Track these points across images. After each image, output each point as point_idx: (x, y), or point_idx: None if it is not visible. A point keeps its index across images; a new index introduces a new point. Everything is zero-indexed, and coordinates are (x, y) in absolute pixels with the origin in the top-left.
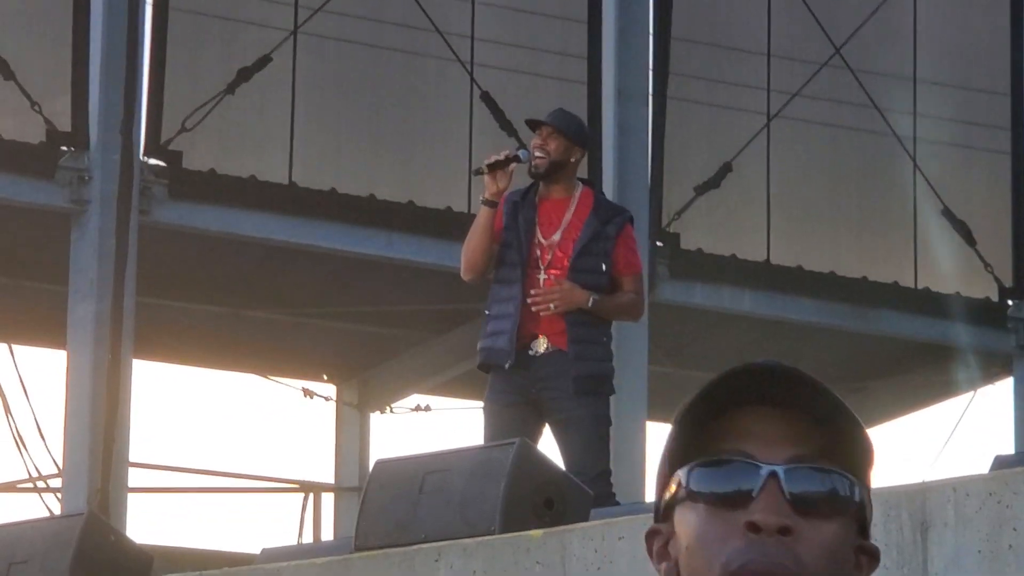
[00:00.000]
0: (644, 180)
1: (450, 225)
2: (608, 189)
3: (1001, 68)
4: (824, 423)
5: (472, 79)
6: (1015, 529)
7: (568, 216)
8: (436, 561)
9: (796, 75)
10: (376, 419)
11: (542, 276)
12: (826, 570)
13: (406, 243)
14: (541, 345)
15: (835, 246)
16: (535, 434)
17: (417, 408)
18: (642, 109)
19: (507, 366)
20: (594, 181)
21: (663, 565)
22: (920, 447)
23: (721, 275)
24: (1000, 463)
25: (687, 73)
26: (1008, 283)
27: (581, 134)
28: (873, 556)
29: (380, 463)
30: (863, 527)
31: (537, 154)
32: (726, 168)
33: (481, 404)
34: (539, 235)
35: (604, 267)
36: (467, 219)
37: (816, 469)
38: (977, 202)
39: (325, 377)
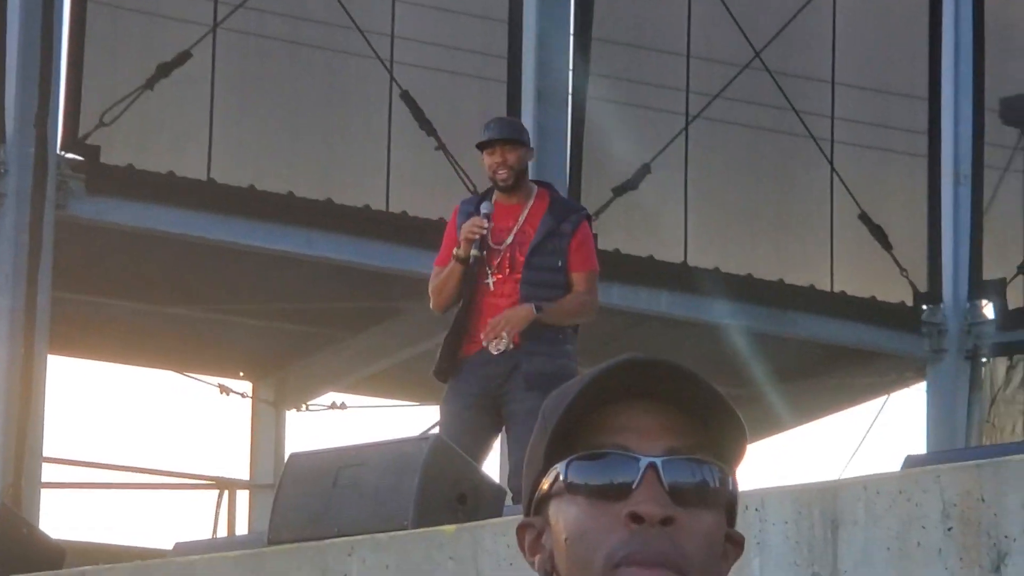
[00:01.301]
0: (563, 180)
1: (368, 223)
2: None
3: (919, 72)
4: (701, 416)
5: (392, 78)
6: (923, 527)
7: (521, 219)
8: (349, 555)
9: (716, 77)
10: (292, 416)
11: (490, 280)
12: (705, 559)
13: (324, 241)
14: (502, 343)
15: (752, 248)
16: (491, 436)
17: (333, 406)
18: (561, 109)
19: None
20: (550, 182)
21: (536, 558)
22: (834, 449)
23: (639, 276)
24: (911, 462)
25: (607, 74)
26: (923, 288)
27: (527, 135)
28: (738, 544)
29: (294, 457)
30: (732, 516)
31: (500, 172)
32: (644, 169)
33: (397, 402)
34: (490, 242)
35: (560, 263)
36: (385, 217)
37: (692, 460)
38: (893, 206)
39: (241, 374)
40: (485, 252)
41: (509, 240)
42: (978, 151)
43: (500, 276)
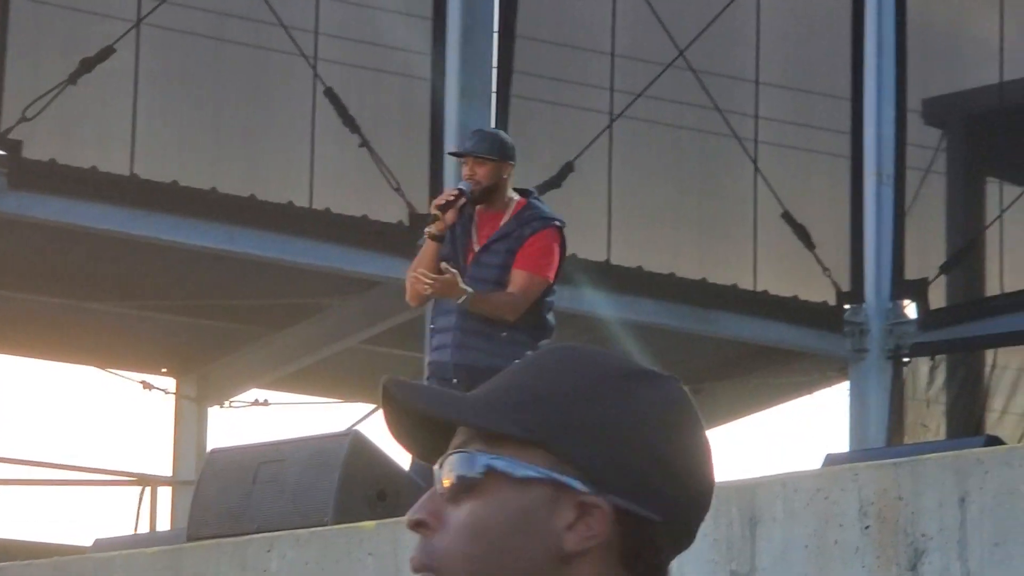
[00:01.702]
0: None
1: (291, 220)
2: (450, 186)
3: (842, 72)
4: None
5: (316, 74)
6: (841, 525)
7: (500, 225)
8: (268, 552)
9: (640, 76)
10: (214, 413)
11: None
12: (469, 549)
13: (247, 237)
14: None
15: (675, 247)
16: None
17: (256, 402)
18: (485, 107)
19: (454, 382)
20: (531, 191)
21: None
22: (757, 448)
23: (562, 274)
24: (831, 460)
25: (531, 72)
26: (845, 287)
27: (504, 151)
28: (595, 506)
29: (214, 453)
30: (585, 481)
31: (461, 186)
32: (568, 168)
33: (320, 399)
34: (475, 245)
35: (504, 262)
36: (308, 214)
37: (458, 454)
38: (816, 206)
39: (164, 370)
40: (468, 252)
41: (485, 244)
42: (900, 152)
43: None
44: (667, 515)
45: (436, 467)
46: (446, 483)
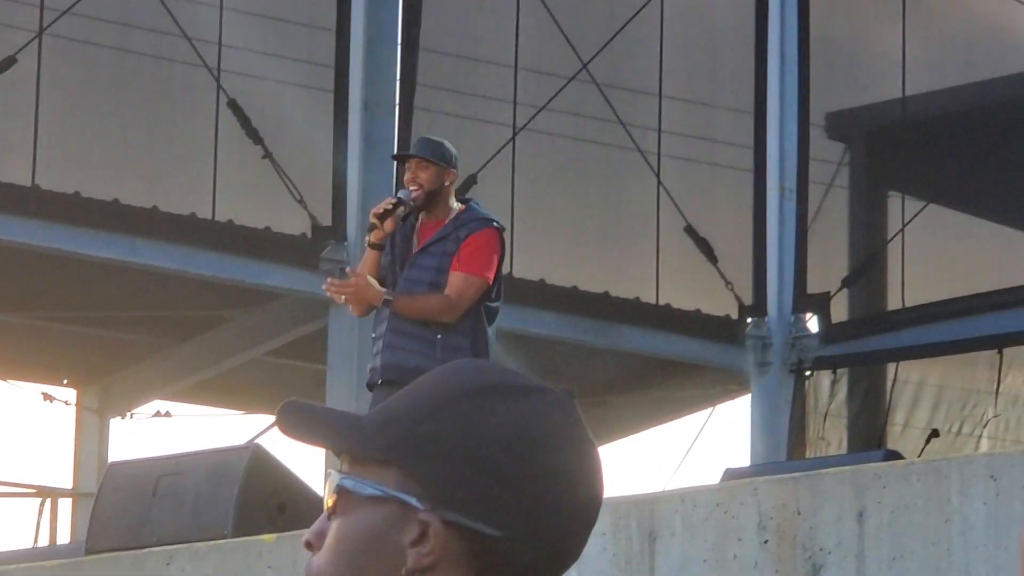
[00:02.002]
0: (388, 190)
1: (194, 231)
2: (352, 199)
3: (745, 86)
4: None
5: (219, 86)
6: (740, 539)
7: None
8: (168, 564)
9: (543, 88)
10: (116, 424)
11: None
12: (333, 568)
13: (150, 249)
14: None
15: (578, 261)
16: None
17: (157, 414)
18: (388, 119)
19: (379, 382)
20: (471, 198)
21: None
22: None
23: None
24: (730, 475)
25: (434, 84)
26: (748, 301)
27: (448, 157)
28: (430, 523)
29: (113, 466)
30: (423, 499)
31: (412, 188)
32: (471, 180)
33: (223, 411)
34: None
35: (439, 264)
36: (211, 225)
37: (328, 474)
38: (719, 220)
39: (65, 381)
40: (406, 263)
41: (421, 247)
42: (803, 166)
43: None
44: (512, 531)
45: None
46: (326, 503)
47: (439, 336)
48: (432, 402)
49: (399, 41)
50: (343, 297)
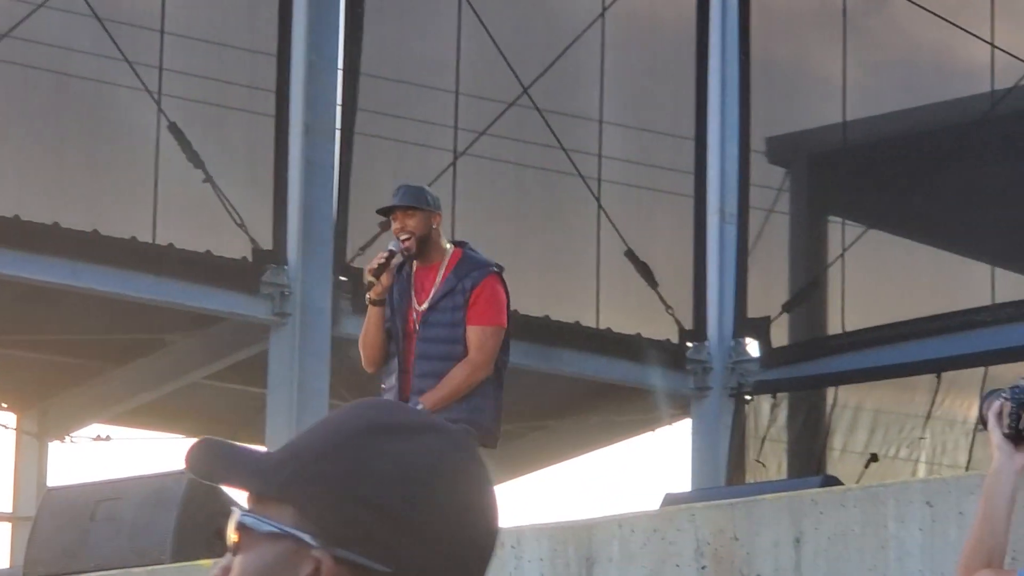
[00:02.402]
0: (329, 214)
1: (135, 255)
2: (293, 223)
3: (685, 112)
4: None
5: (160, 109)
6: (678, 565)
7: (439, 279)
8: None
9: (484, 114)
10: (56, 448)
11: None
12: None
13: (90, 272)
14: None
15: (518, 284)
16: None
17: (98, 438)
18: (329, 144)
19: None
20: (464, 242)
21: None
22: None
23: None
24: (670, 500)
25: (375, 109)
26: (688, 325)
27: (431, 201)
28: (321, 560)
29: (51, 491)
30: (316, 536)
31: (403, 237)
32: None
33: (162, 435)
34: (414, 303)
35: (458, 318)
36: (152, 249)
37: (238, 511)
38: (660, 244)
39: (4, 405)
40: (405, 311)
41: (427, 303)
42: (743, 191)
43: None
44: (399, 567)
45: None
46: (229, 539)
47: (483, 396)
48: (327, 441)
49: (340, 66)
50: None
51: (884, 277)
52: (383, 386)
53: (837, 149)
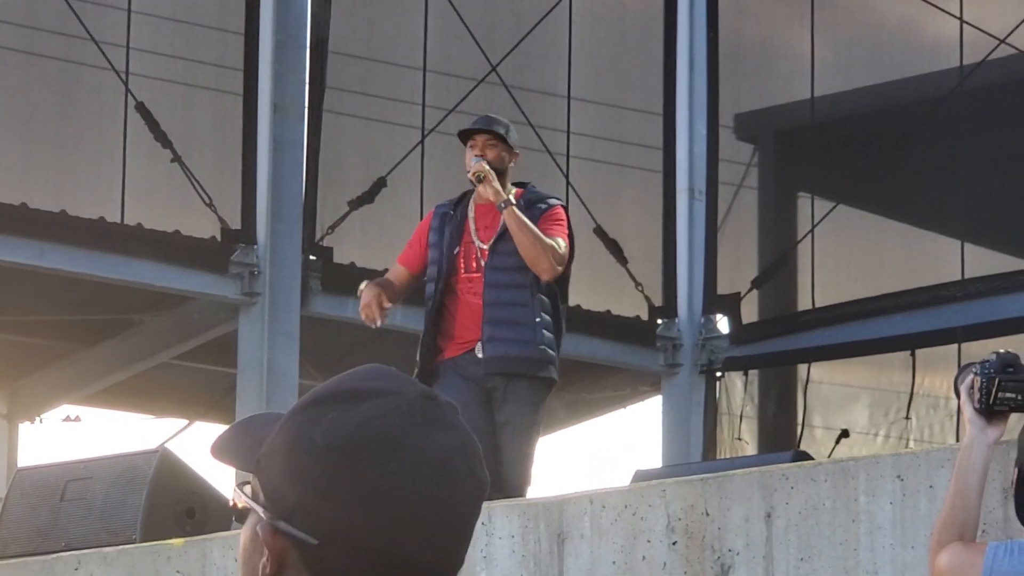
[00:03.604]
0: (298, 193)
1: (103, 235)
2: (262, 201)
3: (653, 88)
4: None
5: (127, 89)
6: (649, 541)
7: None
8: (76, 569)
9: (452, 91)
10: (25, 429)
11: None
12: (242, 566)
13: (58, 253)
14: (480, 349)
15: None
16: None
17: (67, 419)
18: (297, 123)
19: (417, 371)
20: (527, 182)
21: None
22: (570, 463)
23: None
24: (640, 476)
25: (343, 87)
26: (658, 302)
27: (511, 136)
28: (265, 529)
29: (21, 471)
30: (271, 512)
31: (476, 163)
32: (380, 183)
33: (133, 415)
34: (477, 241)
35: (521, 262)
36: (120, 229)
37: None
38: (629, 221)
39: None
40: (459, 249)
41: (495, 237)
42: (712, 167)
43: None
44: (327, 539)
45: None
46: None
47: (537, 320)
48: (287, 415)
49: (307, 44)
50: (483, 175)
51: (853, 253)
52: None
53: (806, 125)
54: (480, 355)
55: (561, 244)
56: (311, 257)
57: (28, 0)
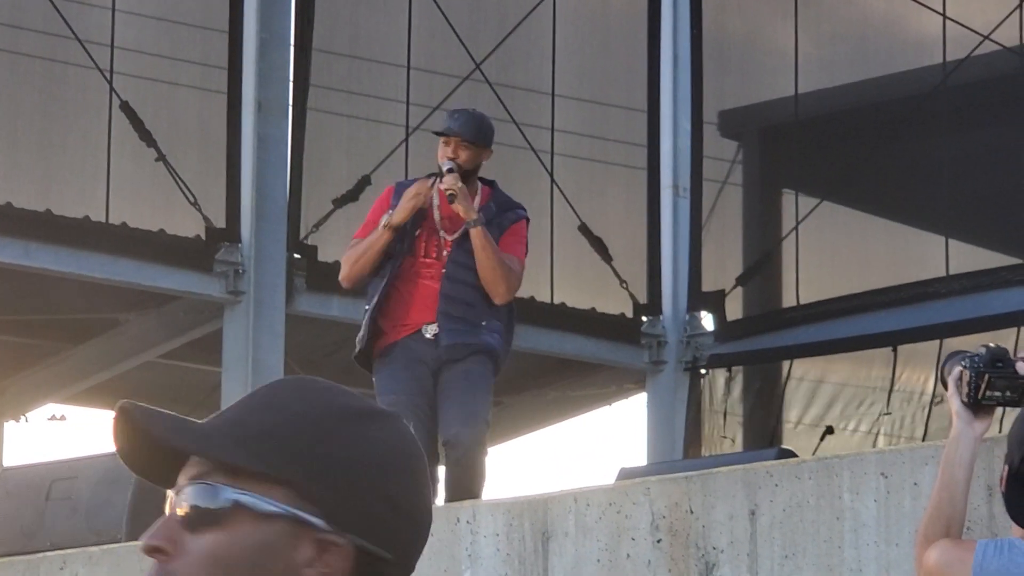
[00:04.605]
0: (282, 192)
1: (88, 234)
2: (246, 200)
3: (638, 85)
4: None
5: (111, 88)
6: (633, 539)
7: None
8: (61, 569)
9: (436, 89)
10: (10, 428)
11: (447, 269)
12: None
13: (43, 252)
14: (436, 328)
15: None
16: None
17: (52, 418)
18: (282, 121)
19: (357, 351)
20: (492, 180)
21: None
22: (555, 461)
23: (358, 288)
24: (625, 474)
25: (327, 85)
26: (642, 299)
27: (488, 136)
28: (334, 544)
29: (6, 471)
30: (326, 520)
31: (447, 167)
32: (365, 181)
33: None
34: (442, 232)
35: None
36: (105, 228)
37: (200, 484)
38: (613, 219)
39: None
40: (420, 232)
41: (461, 231)
42: (697, 164)
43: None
44: (397, 554)
45: (173, 493)
46: (184, 511)
47: (484, 323)
48: (313, 423)
49: (291, 43)
50: (455, 195)
51: (838, 249)
52: (366, 307)
53: (790, 122)
54: (429, 336)
55: (516, 265)
56: (296, 255)
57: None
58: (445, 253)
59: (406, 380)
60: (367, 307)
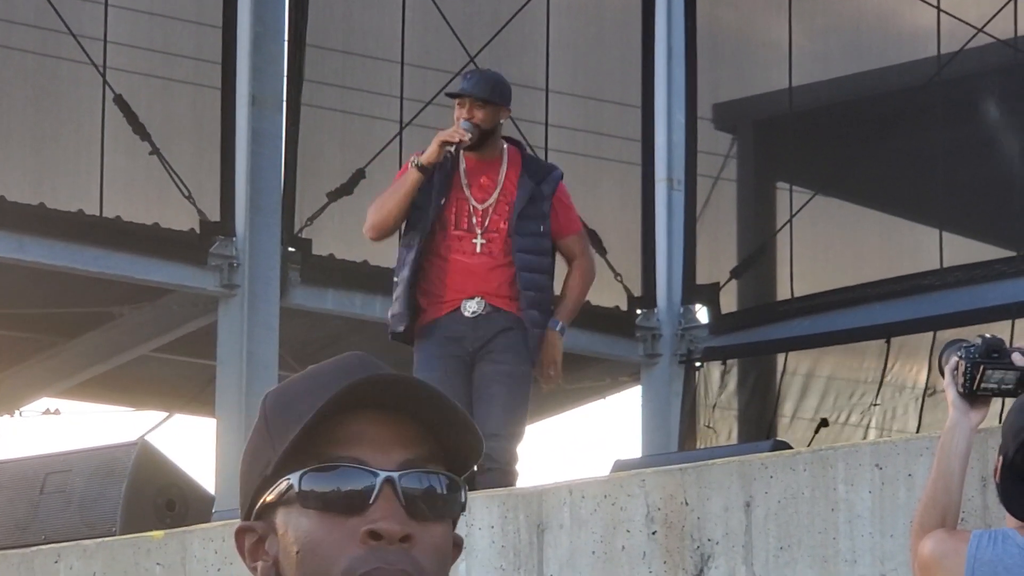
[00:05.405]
0: (277, 186)
1: (82, 228)
2: (240, 194)
3: (632, 79)
4: (434, 427)
5: (105, 82)
6: (628, 531)
7: (501, 178)
8: (56, 562)
9: (429, 84)
10: (5, 422)
11: (479, 241)
12: (438, 570)
13: (37, 246)
14: (476, 306)
15: None
16: (466, 387)
17: (47, 412)
18: (276, 115)
19: (401, 329)
20: (519, 141)
21: (258, 564)
22: (549, 452)
23: (353, 281)
24: (619, 467)
25: (321, 80)
26: (637, 293)
27: (503, 94)
28: (459, 547)
29: (0, 464)
30: (455, 521)
31: (465, 128)
32: (359, 175)
33: (112, 408)
34: (472, 200)
35: (542, 228)
36: (99, 222)
37: (426, 473)
38: (607, 212)
39: None
40: (446, 202)
41: (493, 199)
42: (691, 157)
43: (488, 239)
44: None
45: (396, 475)
46: (419, 499)
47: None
48: None
49: (286, 37)
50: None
51: (832, 242)
52: (395, 278)
53: (783, 114)
54: (467, 314)
55: (586, 254)
56: (290, 249)
57: None
58: (475, 221)
59: (441, 367)
60: (396, 279)
